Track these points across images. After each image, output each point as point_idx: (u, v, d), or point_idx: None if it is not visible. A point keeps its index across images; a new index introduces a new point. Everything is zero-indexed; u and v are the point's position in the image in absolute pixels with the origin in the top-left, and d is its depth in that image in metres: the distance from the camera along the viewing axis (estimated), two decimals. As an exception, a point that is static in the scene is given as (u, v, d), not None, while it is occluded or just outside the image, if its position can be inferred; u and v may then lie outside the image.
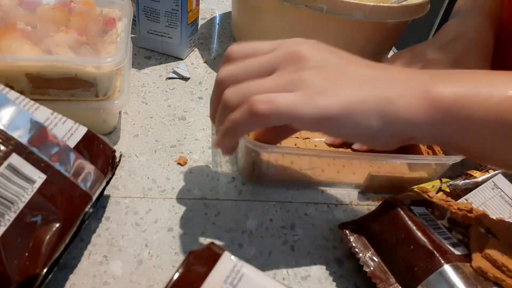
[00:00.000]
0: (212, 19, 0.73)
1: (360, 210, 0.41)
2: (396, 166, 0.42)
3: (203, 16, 0.73)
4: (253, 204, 0.39)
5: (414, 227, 0.32)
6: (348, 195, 0.42)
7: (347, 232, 0.34)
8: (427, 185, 0.39)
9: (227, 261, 0.25)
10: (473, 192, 0.38)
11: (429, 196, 0.36)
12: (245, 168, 0.41)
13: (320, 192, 0.42)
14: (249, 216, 0.38)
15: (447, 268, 0.29)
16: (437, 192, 0.38)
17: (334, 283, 0.33)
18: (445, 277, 0.29)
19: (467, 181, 0.39)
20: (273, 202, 0.40)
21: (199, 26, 0.64)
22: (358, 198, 0.42)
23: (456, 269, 0.29)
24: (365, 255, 0.33)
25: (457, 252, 0.31)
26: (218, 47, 0.64)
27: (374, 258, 0.33)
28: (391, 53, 0.71)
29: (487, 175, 0.40)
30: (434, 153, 0.43)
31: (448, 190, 0.39)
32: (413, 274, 0.30)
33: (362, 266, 0.32)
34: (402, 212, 0.33)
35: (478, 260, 0.30)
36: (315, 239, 0.37)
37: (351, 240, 0.34)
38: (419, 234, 0.32)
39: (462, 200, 0.38)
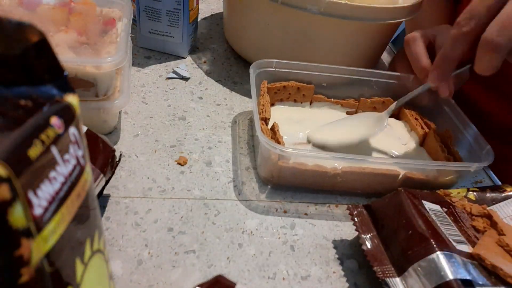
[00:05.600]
0: (212, 19, 0.73)
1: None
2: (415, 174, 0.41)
3: (203, 16, 0.73)
4: (253, 204, 0.39)
5: (416, 215, 0.33)
6: (349, 196, 0.42)
7: (354, 212, 0.35)
8: (452, 191, 0.39)
9: None
10: (500, 204, 0.38)
11: (452, 201, 0.36)
12: (267, 173, 0.40)
13: (320, 192, 0.41)
14: (249, 216, 0.38)
15: (440, 255, 0.29)
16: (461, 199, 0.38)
17: (334, 283, 0.33)
18: (436, 262, 0.29)
19: (497, 194, 0.39)
20: (273, 202, 0.40)
21: (198, 26, 0.64)
22: (358, 200, 0.42)
23: (449, 257, 0.29)
24: (366, 235, 0.34)
25: (458, 247, 0.31)
26: (218, 47, 0.64)
27: (375, 239, 0.34)
28: (385, 54, 0.71)
29: None
30: (456, 160, 0.41)
31: (473, 198, 0.38)
32: (406, 256, 0.31)
33: (361, 245, 0.33)
34: (408, 201, 0.34)
35: (479, 248, 0.31)
36: (315, 239, 0.37)
37: (356, 220, 0.35)
38: (419, 222, 0.32)
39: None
